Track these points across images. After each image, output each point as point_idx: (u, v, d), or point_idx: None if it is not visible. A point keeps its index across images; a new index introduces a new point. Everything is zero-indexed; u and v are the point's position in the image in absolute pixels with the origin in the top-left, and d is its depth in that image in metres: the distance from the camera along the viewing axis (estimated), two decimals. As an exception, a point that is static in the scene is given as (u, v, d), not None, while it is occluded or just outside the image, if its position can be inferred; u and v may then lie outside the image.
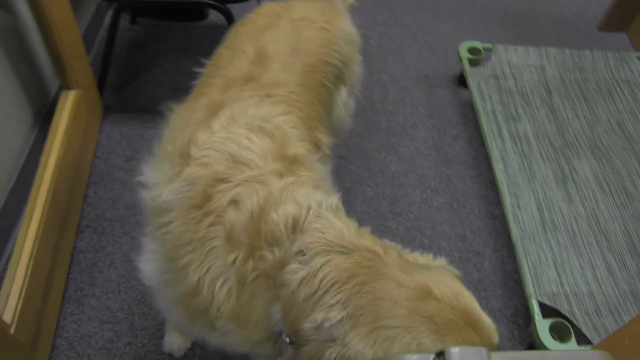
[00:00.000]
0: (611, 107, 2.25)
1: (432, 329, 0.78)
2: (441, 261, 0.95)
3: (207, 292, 0.96)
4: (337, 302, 0.82)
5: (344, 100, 1.46)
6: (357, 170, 2.13)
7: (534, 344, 1.63)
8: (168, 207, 1.02)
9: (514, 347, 1.71)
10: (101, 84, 2.25)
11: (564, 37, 2.83)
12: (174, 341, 1.61)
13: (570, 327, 1.58)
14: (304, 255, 0.87)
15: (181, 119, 1.16)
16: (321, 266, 0.85)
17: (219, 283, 0.95)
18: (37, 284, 1.51)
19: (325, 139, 1.27)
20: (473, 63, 2.39)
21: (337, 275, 0.84)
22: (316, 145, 1.22)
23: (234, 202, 0.97)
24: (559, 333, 1.60)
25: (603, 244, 1.80)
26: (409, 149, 2.23)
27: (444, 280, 0.84)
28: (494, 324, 0.83)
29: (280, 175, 1.01)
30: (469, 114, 2.37)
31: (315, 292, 0.84)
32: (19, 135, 1.89)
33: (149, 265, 1.09)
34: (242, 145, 1.03)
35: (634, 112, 2.24)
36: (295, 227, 0.91)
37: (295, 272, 0.86)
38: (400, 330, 0.78)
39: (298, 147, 1.10)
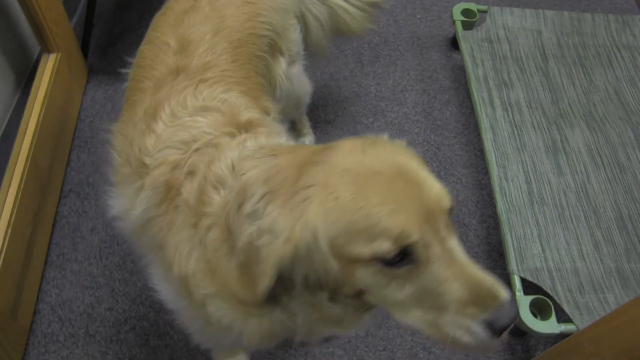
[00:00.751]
0: (609, 75, 2.19)
1: (351, 181, 0.74)
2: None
3: (185, 272, 0.93)
4: (258, 188, 0.81)
5: (284, 71, 1.41)
6: (343, 135, 2.08)
7: (514, 319, 1.61)
8: (146, 219, 1.00)
9: (495, 321, 1.70)
10: (85, 46, 2.21)
11: (565, -1, 2.74)
12: None
13: (551, 304, 1.56)
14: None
15: (125, 137, 1.11)
16: (246, 178, 0.85)
17: (190, 256, 0.92)
18: (15, 251, 1.52)
19: (272, 106, 1.23)
20: (467, 26, 2.31)
21: (259, 175, 0.84)
22: (265, 113, 1.18)
23: (190, 173, 0.95)
24: (540, 310, 1.58)
25: (591, 218, 1.77)
26: (398, 114, 2.18)
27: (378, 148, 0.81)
28: (445, 189, 0.78)
29: (233, 135, 1.00)
30: (461, 79, 2.31)
31: (243, 200, 0.82)
32: (0, 100, 1.86)
33: (166, 292, 1.06)
34: (191, 128, 1.01)
35: (634, 79, 2.17)
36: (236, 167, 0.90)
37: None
38: (316, 188, 0.75)
39: (250, 113, 1.08)
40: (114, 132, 1.16)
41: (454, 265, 0.74)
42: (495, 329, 0.73)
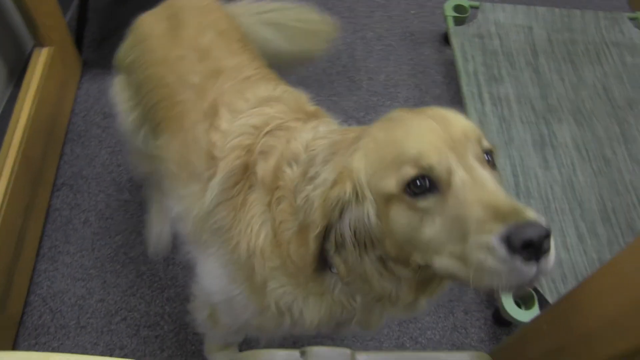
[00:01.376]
0: (598, 71, 2.21)
1: (387, 127, 0.82)
2: None
3: (253, 247, 0.95)
4: (322, 154, 0.88)
5: None
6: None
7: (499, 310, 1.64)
8: (215, 204, 1.02)
9: (480, 312, 1.73)
10: (79, 40, 2.22)
11: (557, -6, 2.76)
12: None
13: (534, 294, 1.59)
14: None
15: (181, 144, 1.13)
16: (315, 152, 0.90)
17: (260, 232, 0.95)
18: (6, 243, 1.53)
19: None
20: (458, 21, 2.33)
21: (325, 145, 0.90)
22: None
23: (264, 153, 0.98)
24: (524, 299, 1.61)
25: (576, 211, 1.80)
26: (389, 109, 2.16)
27: None
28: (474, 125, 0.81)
29: (305, 121, 1.03)
30: (453, 74, 2.33)
31: (308, 167, 0.89)
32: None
33: (216, 278, 1.08)
34: (260, 116, 1.04)
35: (621, 76, 2.20)
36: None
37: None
38: (363, 141, 0.82)
39: (314, 106, 1.12)
40: (159, 147, 1.19)
41: (480, 190, 0.71)
42: (514, 243, 0.65)
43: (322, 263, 0.87)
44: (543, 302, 1.59)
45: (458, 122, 0.79)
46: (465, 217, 0.70)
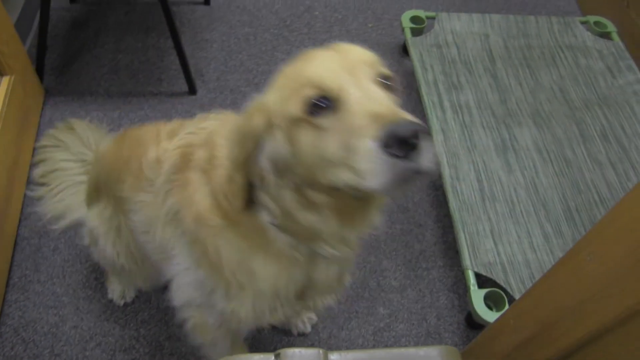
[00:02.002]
0: (554, 74, 2.27)
1: (295, 62, 0.86)
2: None
3: (198, 211, 1.03)
4: None
5: None
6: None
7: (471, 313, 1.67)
8: (164, 191, 1.11)
9: (453, 316, 1.75)
10: (40, 68, 2.20)
11: (512, 2, 2.83)
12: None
13: (505, 296, 1.62)
14: None
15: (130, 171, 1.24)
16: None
17: (201, 198, 1.02)
18: (-26, 276, 1.50)
19: None
20: (416, 32, 2.38)
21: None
22: None
23: (200, 145, 1.07)
24: (495, 302, 1.63)
25: (541, 212, 1.83)
26: (353, 122, 2.22)
27: None
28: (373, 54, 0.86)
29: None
30: (413, 84, 2.37)
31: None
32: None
33: (183, 267, 1.16)
34: (197, 128, 1.12)
35: (576, 78, 2.26)
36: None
37: None
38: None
39: None
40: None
41: (368, 103, 0.76)
42: (389, 142, 0.70)
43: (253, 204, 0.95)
44: (513, 303, 1.62)
45: (357, 51, 0.85)
46: (353, 127, 0.74)
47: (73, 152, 1.87)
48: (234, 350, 1.41)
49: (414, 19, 2.40)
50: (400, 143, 0.69)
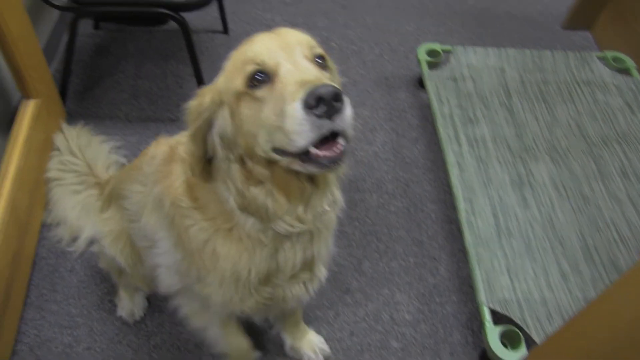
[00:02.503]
0: (571, 109, 2.25)
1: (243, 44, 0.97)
2: None
3: (172, 198, 1.15)
4: None
5: None
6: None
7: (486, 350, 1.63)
8: (153, 181, 1.22)
9: (467, 353, 1.71)
10: (63, 92, 2.24)
11: (527, 37, 2.82)
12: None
13: (520, 333, 1.58)
14: None
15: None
16: None
17: (178, 184, 1.14)
18: (-5, 292, 1.52)
19: None
20: (432, 65, 2.37)
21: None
22: None
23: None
24: (510, 340, 1.59)
25: (557, 249, 1.80)
26: (367, 153, 2.21)
27: None
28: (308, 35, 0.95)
29: None
30: (429, 117, 2.37)
31: None
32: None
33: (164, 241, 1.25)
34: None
35: (594, 113, 2.24)
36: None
37: None
38: None
39: None
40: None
41: (298, 73, 0.86)
42: (308, 102, 0.80)
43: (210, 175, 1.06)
44: (529, 341, 1.58)
45: (295, 33, 0.94)
46: (284, 94, 0.84)
47: (63, 162, 1.91)
48: (228, 335, 1.46)
49: (430, 52, 2.40)
50: (321, 103, 0.80)
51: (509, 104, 2.24)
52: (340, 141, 0.85)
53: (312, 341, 1.69)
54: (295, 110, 0.82)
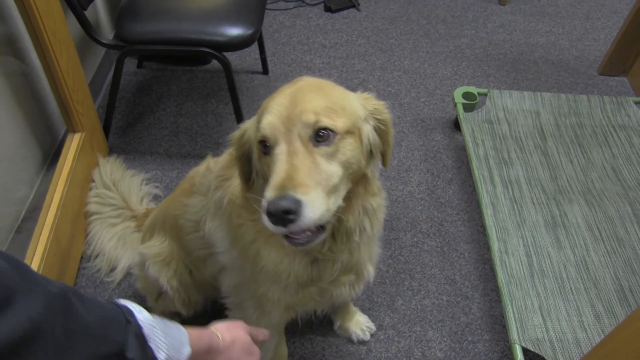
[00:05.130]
0: (606, 153, 2.26)
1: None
2: None
3: (229, 196, 1.28)
4: None
5: None
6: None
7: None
8: (214, 186, 1.33)
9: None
10: (107, 127, 2.34)
11: (563, 81, 2.85)
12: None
13: (553, 375, 1.58)
14: None
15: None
16: None
17: (235, 185, 1.26)
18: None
19: None
20: (468, 108, 2.42)
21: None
22: None
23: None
24: (543, 381, 1.59)
25: (591, 290, 1.80)
26: (403, 193, 2.25)
27: None
28: (316, 112, 0.98)
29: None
30: (464, 158, 2.40)
31: None
32: (27, 176, 1.97)
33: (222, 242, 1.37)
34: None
35: (630, 157, 2.25)
36: None
37: None
38: None
39: None
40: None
41: (281, 162, 0.96)
42: (267, 210, 0.92)
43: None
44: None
45: (304, 103, 1.00)
46: (271, 174, 0.97)
47: (100, 195, 2.00)
48: (273, 337, 1.52)
49: (466, 95, 2.45)
50: (267, 210, 0.92)
51: (543, 147, 2.26)
52: (307, 231, 0.98)
53: (359, 321, 1.82)
54: (262, 209, 0.94)
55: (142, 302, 1.81)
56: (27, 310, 0.61)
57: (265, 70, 2.78)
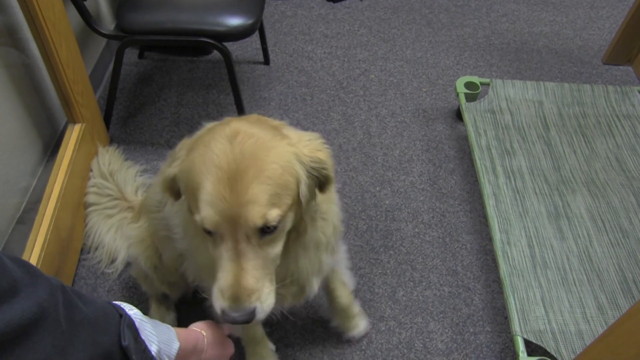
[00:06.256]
0: (610, 143, 2.25)
1: (203, 160, 0.98)
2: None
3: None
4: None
5: None
6: (351, 203, 2.15)
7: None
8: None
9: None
10: (107, 117, 2.34)
11: (567, 71, 2.83)
12: None
13: (556, 368, 1.57)
14: None
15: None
16: None
17: None
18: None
19: None
20: (470, 98, 2.40)
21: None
22: None
23: None
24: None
25: (595, 282, 1.79)
26: (404, 183, 2.24)
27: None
28: (262, 212, 0.95)
29: None
30: (466, 149, 2.39)
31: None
32: (29, 167, 1.97)
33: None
34: None
35: (634, 147, 2.23)
36: None
37: None
38: (184, 155, 1.08)
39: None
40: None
41: (227, 262, 0.98)
42: (223, 318, 0.99)
43: None
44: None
45: (247, 196, 0.93)
46: (218, 269, 1.00)
47: (97, 185, 2.00)
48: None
49: (469, 85, 2.43)
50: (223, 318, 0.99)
51: (546, 137, 2.24)
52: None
53: (358, 326, 1.76)
54: (215, 310, 1.01)
55: (141, 294, 1.81)
56: (35, 296, 0.67)
57: (266, 61, 2.76)
